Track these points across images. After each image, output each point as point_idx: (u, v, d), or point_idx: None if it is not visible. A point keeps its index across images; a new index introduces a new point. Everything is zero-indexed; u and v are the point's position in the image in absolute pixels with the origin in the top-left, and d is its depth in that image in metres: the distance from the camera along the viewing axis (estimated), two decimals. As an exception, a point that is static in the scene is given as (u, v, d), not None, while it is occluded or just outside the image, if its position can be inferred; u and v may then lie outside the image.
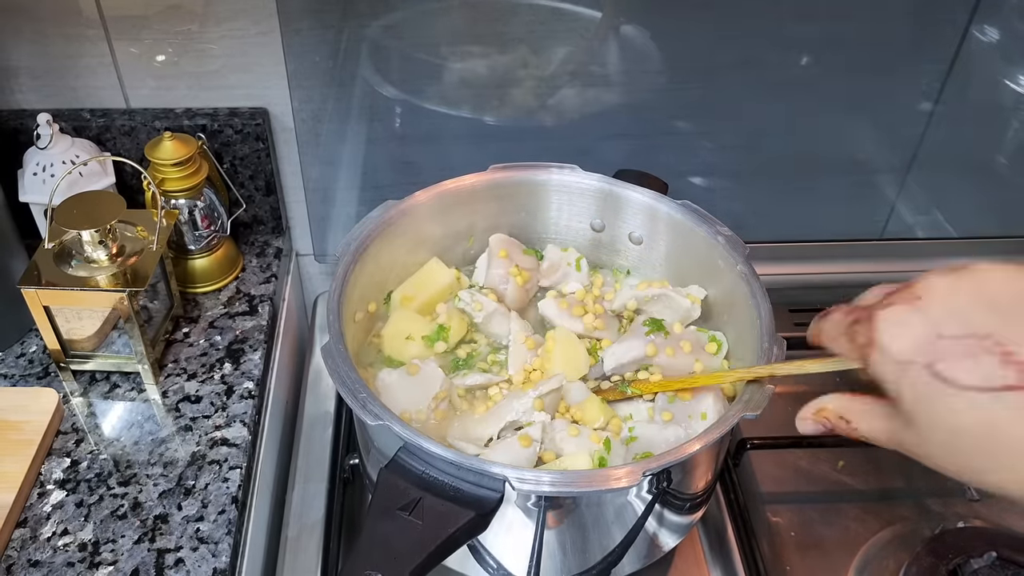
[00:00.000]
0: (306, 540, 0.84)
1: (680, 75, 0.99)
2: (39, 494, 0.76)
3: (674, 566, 0.83)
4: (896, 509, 0.86)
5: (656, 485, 0.65)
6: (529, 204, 0.88)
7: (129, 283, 0.80)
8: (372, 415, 0.63)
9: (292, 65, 0.94)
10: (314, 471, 0.91)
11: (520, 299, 0.85)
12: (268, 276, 1.00)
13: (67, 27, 0.90)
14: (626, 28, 0.96)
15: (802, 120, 1.04)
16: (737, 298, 0.77)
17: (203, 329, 0.93)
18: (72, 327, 0.84)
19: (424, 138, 1.01)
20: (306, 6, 0.90)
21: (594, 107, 1.01)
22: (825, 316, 0.51)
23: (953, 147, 1.07)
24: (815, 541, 0.84)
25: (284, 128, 1.00)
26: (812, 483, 0.89)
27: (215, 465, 0.79)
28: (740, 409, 0.65)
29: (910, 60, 1.00)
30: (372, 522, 0.59)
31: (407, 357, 0.79)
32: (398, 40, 0.94)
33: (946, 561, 0.76)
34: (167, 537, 0.73)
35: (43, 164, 0.90)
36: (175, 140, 0.90)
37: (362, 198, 1.05)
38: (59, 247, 0.82)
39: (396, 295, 0.84)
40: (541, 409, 0.72)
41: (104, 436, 0.81)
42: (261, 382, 0.89)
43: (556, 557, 0.69)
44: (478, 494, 0.61)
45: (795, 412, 0.56)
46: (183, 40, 0.92)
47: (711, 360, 0.79)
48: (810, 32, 0.97)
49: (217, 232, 0.97)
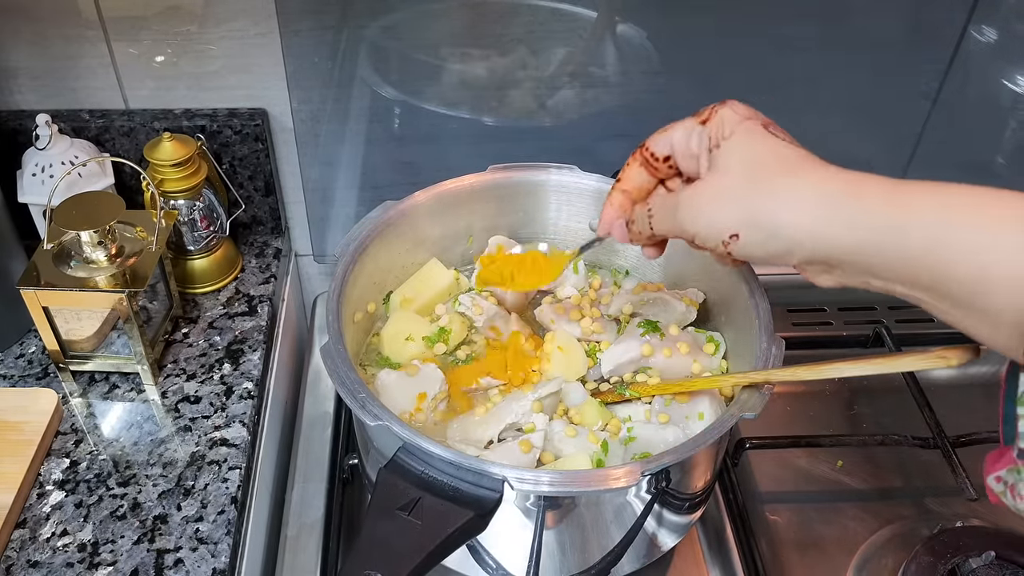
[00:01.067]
0: (305, 540, 0.84)
1: (679, 75, 0.99)
2: (38, 495, 0.76)
3: (673, 566, 0.83)
4: (895, 508, 0.87)
5: (655, 485, 0.66)
6: (528, 204, 0.88)
7: (128, 284, 0.80)
8: (371, 415, 0.63)
9: (291, 66, 0.94)
10: (313, 471, 0.91)
11: (519, 302, 0.85)
12: (267, 276, 1.00)
13: (66, 28, 0.90)
14: (625, 28, 0.96)
15: (801, 120, 1.03)
16: (735, 298, 0.77)
17: (202, 329, 0.93)
18: (71, 328, 0.84)
19: (423, 139, 1.02)
20: (305, 7, 0.90)
21: (593, 107, 1.01)
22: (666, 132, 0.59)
23: (951, 147, 1.07)
24: (814, 540, 0.84)
25: (283, 129, 1.00)
26: (811, 482, 0.89)
27: (214, 465, 0.79)
28: (738, 410, 0.65)
29: (908, 60, 1.01)
30: (371, 522, 0.60)
31: (406, 358, 0.79)
32: (397, 41, 0.94)
33: (945, 560, 0.76)
34: (166, 537, 0.73)
35: (42, 165, 0.90)
36: (174, 141, 0.90)
37: (361, 198, 1.05)
38: (58, 248, 0.82)
39: (396, 296, 0.84)
40: (540, 411, 0.72)
41: (103, 437, 0.82)
42: (260, 382, 0.89)
43: (555, 557, 0.69)
44: (477, 494, 0.61)
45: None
46: (182, 41, 0.92)
47: (709, 361, 0.79)
48: (809, 32, 0.97)
49: (216, 232, 0.97)
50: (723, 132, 0.54)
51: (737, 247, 0.52)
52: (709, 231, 0.53)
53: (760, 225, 0.51)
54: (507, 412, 0.72)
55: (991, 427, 0.87)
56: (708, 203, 0.53)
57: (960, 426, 0.87)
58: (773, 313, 0.72)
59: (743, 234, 0.52)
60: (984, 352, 0.52)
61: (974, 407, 0.95)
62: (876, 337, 1.01)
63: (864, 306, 1.07)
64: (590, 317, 0.82)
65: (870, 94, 1.03)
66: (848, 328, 1.05)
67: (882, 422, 0.95)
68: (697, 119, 0.56)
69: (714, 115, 0.55)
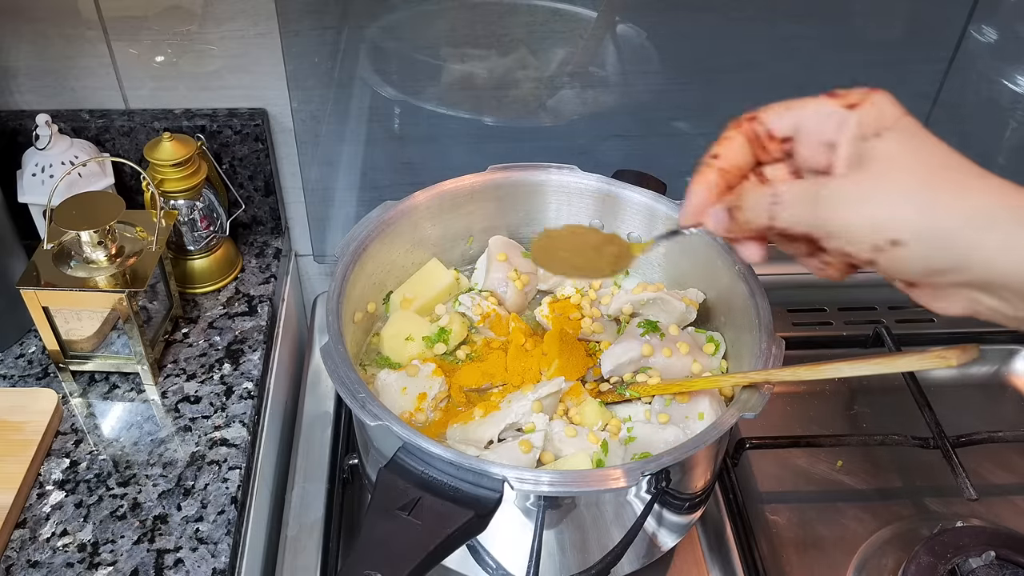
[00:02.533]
0: (305, 540, 0.84)
1: (679, 75, 0.99)
2: (38, 495, 0.76)
3: (673, 566, 0.83)
4: (895, 508, 0.87)
5: (655, 485, 0.66)
6: (528, 204, 0.88)
7: (128, 284, 0.80)
8: (371, 415, 0.63)
9: (291, 66, 0.94)
10: (313, 471, 0.91)
11: (519, 302, 0.85)
12: (267, 276, 1.00)
13: (66, 28, 0.90)
14: (625, 29, 0.96)
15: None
16: (735, 298, 0.77)
17: (202, 329, 0.93)
18: (71, 328, 0.84)
19: (423, 139, 1.02)
20: (305, 7, 0.90)
21: (592, 108, 1.01)
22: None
23: (951, 146, 1.07)
24: (814, 540, 0.84)
25: (283, 129, 1.00)
26: (811, 483, 0.89)
27: (214, 465, 0.79)
28: (738, 410, 0.65)
29: (908, 60, 1.01)
30: (371, 522, 0.60)
31: (406, 358, 0.79)
32: (397, 41, 0.94)
33: (945, 560, 0.76)
34: (166, 537, 0.73)
35: (42, 165, 0.90)
36: (174, 141, 0.90)
37: (361, 199, 1.05)
38: (58, 248, 0.82)
39: (396, 296, 0.84)
40: (540, 411, 0.72)
41: (103, 436, 0.82)
42: (260, 382, 0.89)
43: (555, 557, 0.69)
44: (477, 494, 0.61)
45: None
46: (182, 41, 0.92)
47: (709, 361, 0.79)
48: (809, 32, 0.97)
49: (216, 232, 0.97)
50: (884, 122, 0.47)
51: (892, 255, 0.45)
52: (865, 233, 0.45)
53: (935, 235, 0.44)
54: (507, 412, 0.72)
55: (991, 427, 0.88)
56: (870, 200, 0.45)
57: (960, 426, 0.87)
58: (773, 313, 0.72)
59: (909, 241, 0.44)
60: (984, 353, 0.52)
61: (974, 407, 0.95)
62: (876, 337, 1.01)
63: (864, 306, 1.07)
64: (590, 317, 0.82)
65: (870, 94, 1.02)
66: (848, 328, 1.05)
67: (882, 422, 0.95)
68: (838, 101, 0.48)
69: (867, 101, 0.47)
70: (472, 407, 0.75)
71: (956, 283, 0.45)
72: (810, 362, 0.65)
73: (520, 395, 0.74)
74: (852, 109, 0.47)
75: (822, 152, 0.48)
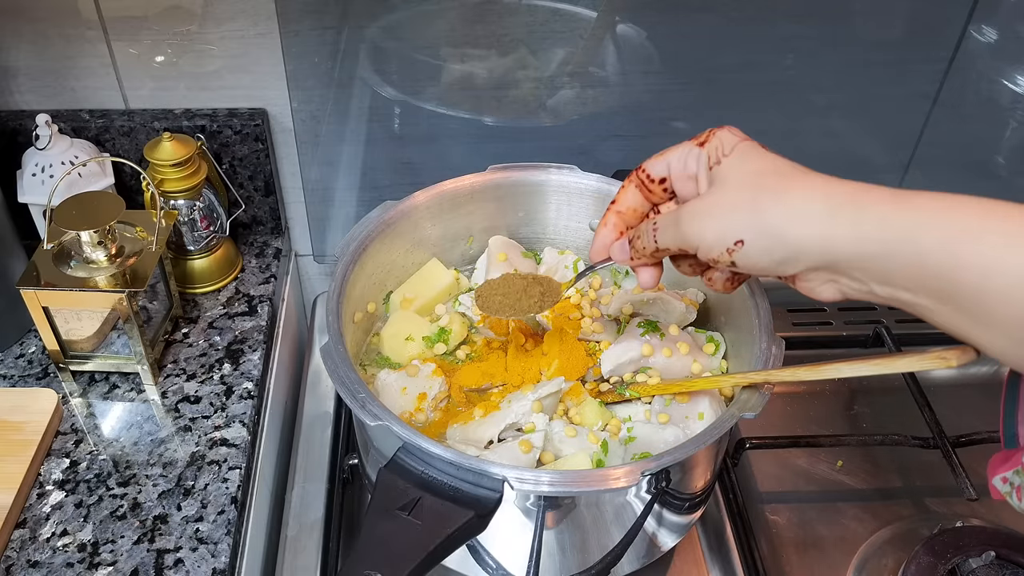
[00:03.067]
0: (305, 540, 0.84)
1: (678, 75, 0.99)
2: (38, 494, 0.76)
3: (673, 566, 0.83)
4: (894, 508, 0.87)
5: (655, 485, 0.66)
6: (528, 204, 0.88)
7: (128, 284, 0.80)
8: (371, 415, 0.63)
9: (291, 66, 0.94)
10: (313, 471, 0.91)
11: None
12: (267, 276, 1.00)
13: (66, 28, 0.90)
14: (625, 28, 0.96)
15: (801, 120, 1.04)
16: (735, 298, 0.77)
17: (202, 329, 0.93)
18: (71, 328, 0.84)
19: (423, 139, 1.02)
20: (305, 7, 0.90)
21: (592, 107, 1.01)
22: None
23: (951, 147, 1.07)
24: (814, 540, 0.84)
25: (283, 129, 1.00)
26: (811, 482, 0.89)
27: (214, 465, 0.79)
28: (738, 410, 0.65)
29: (908, 60, 1.01)
30: (371, 522, 0.60)
31: (406, 358, 0.79)
32: (397, 41, 0.94)
33: (945, 560, 0.76)
34: (166, 537, 0.73)
35: (42, 165, 0.90)
36: (174, 141, 0.90)
37: (361, 199, 1.05)
38: (58, 248, 0.82)
39: (396, 296, 0.84)
40: (540, 411, 0.72)
41: (103, 436, 0.82)
42: (260, 382, 0.89)
43: (555, 557, 0.69)
44: (477, 494, 0.61)
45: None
46: (182, 41, 0.92)
47: (709, 361, 0.79)
48: (809, 32, 0.97)
49: (216, 232, 0.97)
50: (723, 150, 0.56)
51: (741, 253, 0.53)
52: (714, 238, 0.54)
53: (767, 231, 0.52)
54: (507, 412, 0.72)
55: (991, 427, 0.88)
56: (713, 211, 0.54)
57: (960, 426, 0.87)
58: (773, 313, 0.72)
59: (749, 240, 0.52)
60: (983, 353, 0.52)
61: (974, 407, 0.95)
62: (876, 337, 1.01)
63: (864, 306, 1.07)
64: (590, 317, 0.82)
65: (870, 94, 1.03)
66: (848, 328, 1.05)
67: (882, 422, 0.95)
68: (694, 142, 0.58)
69: (712, 136, 0.57)
70: (472, 407, 0.75)
71: (809, 269, 0.52)
72: (810, 362, 0.65)
73: (520, 395, 0.74)
74: (703, 146, 0.57)
75: (690, 185, 0.58)
